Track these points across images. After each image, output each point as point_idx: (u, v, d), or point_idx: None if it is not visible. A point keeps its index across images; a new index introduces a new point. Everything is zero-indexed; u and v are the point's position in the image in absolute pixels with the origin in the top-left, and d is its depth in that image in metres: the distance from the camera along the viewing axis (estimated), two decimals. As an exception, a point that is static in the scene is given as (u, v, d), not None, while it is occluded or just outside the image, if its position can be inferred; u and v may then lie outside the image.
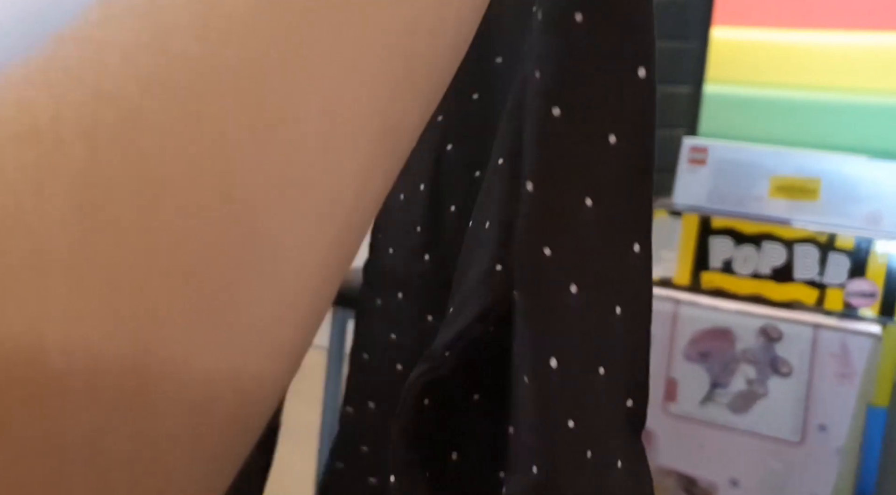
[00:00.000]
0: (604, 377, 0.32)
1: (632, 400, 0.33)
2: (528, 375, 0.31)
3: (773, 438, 0.93)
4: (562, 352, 0.32)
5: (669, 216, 1.04)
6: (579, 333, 0.32)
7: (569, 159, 0.32)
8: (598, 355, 0.32)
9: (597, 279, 0.32)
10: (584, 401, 0.32)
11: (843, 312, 0.95)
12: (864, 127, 1.39)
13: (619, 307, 0.32)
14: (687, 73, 1.43)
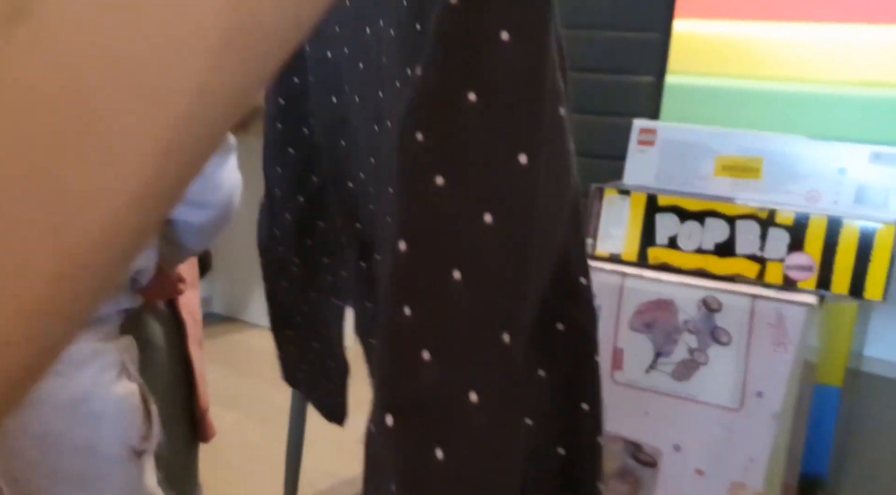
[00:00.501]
0: (461, 283, 0.32)
1: (508, 335, 0.33)
2: (383, 254, 0.32)
3: (713, 405, 0.97)
4: (413, 237, 0.32)
5: (619, 195, 1.08)
6: (437, 227, 0.32)
7: (460, 54, 0.31)
8: (457, 257, 0.32)
9: (469, 179, 0.32)
10: (429, 299, 0.32)
11: (783, 285, 0.99)
12: (810, 114, 1.43)
13: (490, 214, 0.32)
14: (650, 64, 1.47)
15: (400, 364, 0.33)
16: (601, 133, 1.46)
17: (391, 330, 0.33)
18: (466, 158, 0.32)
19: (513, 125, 0.32)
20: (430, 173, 0.32)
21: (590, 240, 1.11)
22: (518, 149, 0.32)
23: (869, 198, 0.99)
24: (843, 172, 1.00)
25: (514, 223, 0.32)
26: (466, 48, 0.31)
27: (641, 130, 1.11)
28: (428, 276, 0.32)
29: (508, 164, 0.32)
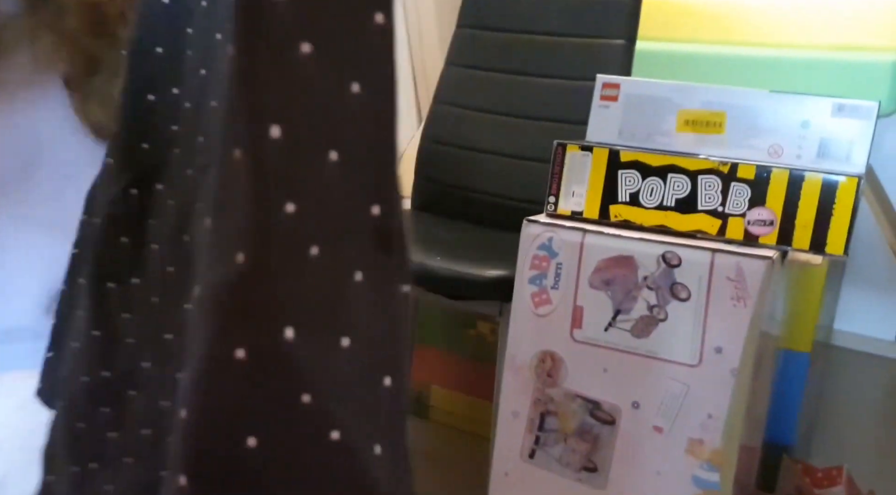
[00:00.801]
0: (337, 163, 0.29)
1: (379, 207, 0.30)
2: (241, 147, 0.28)
3: (672, 361, 0.96)
4: (287, 120, 0.28)
5: (581, 151, 1.05)
6: (308, 102, 0.28)
7: None
8: (330, 133, 0.29)
9: (334, 42, 0.28)
10: (308, 187, 0.29)
11: (743, 241, 0.97)
12: (779, 79, 1.42)
13: (357, 83, 0.29)
14: (620, 27, 1.44)
15: (287, 258, 0.30)
16: (571, 97, 1.43)
17: (278, 230, 0.30)
18: (325, 22, 0.28)
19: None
20: (297, 39, 0.28)
21: (552, 197, 1.08)
22: (375, 9, 0.29)
23: (832, 152, 0.98)
24: (807, 126, 0.98)
25: (379, 92, 0.29)
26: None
27: (604, 85, 1.09)
28: (306, 161, 0.29)
29: (368, 23, 0.28)
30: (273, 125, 0.28)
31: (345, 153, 0.29)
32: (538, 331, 1.03)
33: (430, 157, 1.60)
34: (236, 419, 0.29)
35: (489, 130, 1.54)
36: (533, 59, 1.49)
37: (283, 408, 0.29)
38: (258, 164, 0.28)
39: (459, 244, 1.36)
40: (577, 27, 1.45)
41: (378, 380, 0.33)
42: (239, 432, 0.28)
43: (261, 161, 0.28)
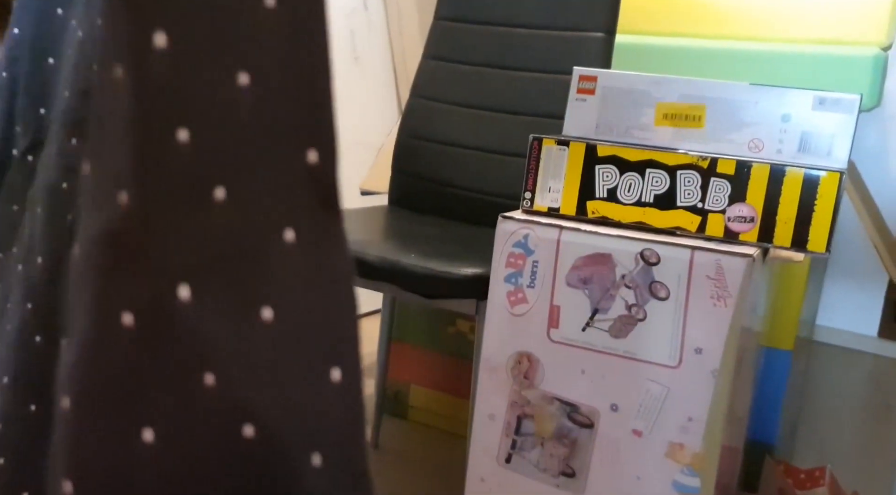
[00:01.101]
0: (248, 88, 0.24)
1: (316, 153, 0.25)
2: (120, 62, 0.22)
3: (651, 362, 0.93)
4: (176, 26, 0.23)
5: (557, 146, 1.02)
6: (203, 7, 0.23)
7: None
8: (236, 49, 0.23)
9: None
10: (208, 112, 0.24)
11: (724, 238, 0.95)
12: (757, 72, 1.39)
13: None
14: (599, 20, 1.41)
15: (180, 199, 0.25)
16: (549, 90, 1.41)
17: (168, 163, 0.24)
18: None
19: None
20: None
21: (528, 194, 1.05)
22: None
23: (813, 146, 0.95)
24: (787, 119, 0.96)
25: (301, 6, 0.24)
26: None
27: (581, 78, 1.06)
28: (204, 80, 0.24)
29: None
30: (157, 32, 0.23)
31: (259, 76, 0.24)
32: (514, 331, 1.00)
33: (407, 152, 1.57)
34: (127, 404, 0.23)
35: (466, 124, 1.51)
36: (511, 52, 1.46)
37: (181, 390, 0.24)
38: (141, 82, 0.23)
39: (435, 240, 1.33)
40: (556, 20, 1.42)
41: (321, 372, 0.27)
42: (131, 422, 0.23)
43: (144, 77, 0.23)
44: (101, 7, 0.23)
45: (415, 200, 1.56)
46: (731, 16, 1.45)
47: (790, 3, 1.39)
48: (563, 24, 1.41)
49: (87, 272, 0.24)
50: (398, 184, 1.59)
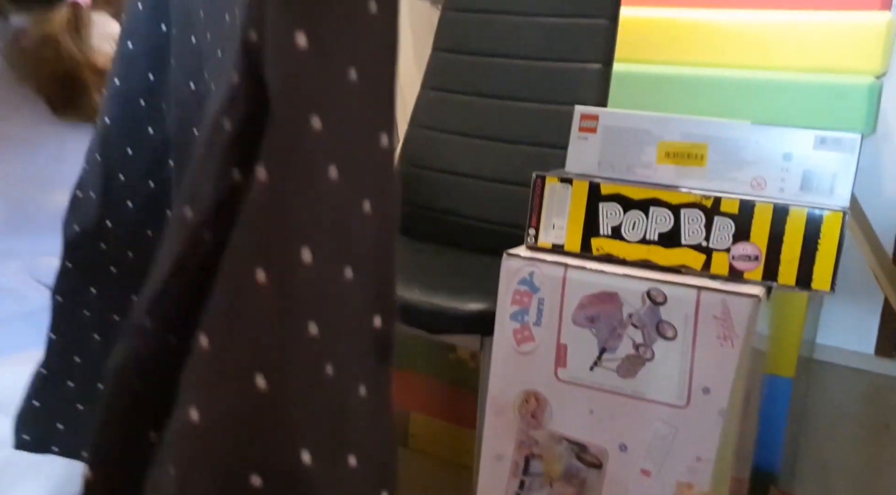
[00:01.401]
0: (351, 281, 0.29)
1: (380, 318, 0.30)
2: (265, 268, 0.27)
3: (659, 402, 0.93)
4: (315, 242, 0.28)
5: (560, 183, 1.03)
6: (332, 224, 0.28)
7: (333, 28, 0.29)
8: (347, 252, 0.29)
9: (352, 164, 0.29)
10: (329, 306, 0.29)
11: (729, 276, 0.95)
12: (753, 100, 1.41)
13: (368, 201, 0.29)
14: (596, 51, 1.42)
15: (306, 381, 0.28)
16: (548, 121, 1.41)
17: (300, 352, 0.28)
18: (347, 146, 0.28)
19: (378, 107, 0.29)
20: (325, 163, 0.28)
21: (532, 230, 1.06)
22: (381, 130, 0.29)
23: (815, 185, 0.96)
24: (789, 158, 0.97)
25: (385, 210, 0.29)
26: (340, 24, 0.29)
27: (583, 116, 1.07)
28: (329, 279, 0.28)
29: (376, 145, 0.29)
30: (303, 247, 0.27)
31: (358, 269, 0.29)
32: (521, 369, 1.01)
33: (406, 180, 1.57)
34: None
35: (466, 153, 1.51)
36: (509, 83, 1.46)
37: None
38: (283, 287, 0.28)
39: (438, 272, 1.33)
40: (554, 51, 1.43)
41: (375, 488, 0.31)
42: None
43: (286, 283, 0.28)
44: (255, 230, 0.28)
45: (415, 229, 1.56)
46: (728, 44, 1.46)
47: (786, 33, 1.41)
48: (561, 56, 1.42)
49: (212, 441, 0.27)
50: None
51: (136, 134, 0.50)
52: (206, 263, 0.29)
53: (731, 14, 1.47)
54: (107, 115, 0.51)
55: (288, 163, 0.27)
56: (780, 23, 1.41)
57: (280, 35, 0.27)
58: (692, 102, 1.47)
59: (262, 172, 0.27)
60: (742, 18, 1.45)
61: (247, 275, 0.27)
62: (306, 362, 0.28)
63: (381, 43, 0.29)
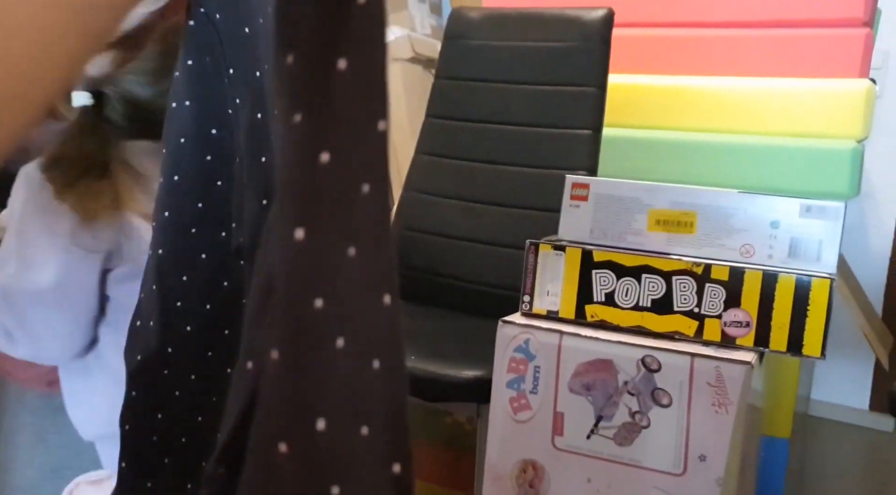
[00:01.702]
0: (367, 438, 0.31)
1: (399, 465, 0.32)
2: (286, 441, 0.30)
3: (656, 470, 0.94)
4: (330, 412, 0.31)
5: (554, 251, 1.05)
6: (345, 390, 0.31)
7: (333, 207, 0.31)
8: (361, 413, 0.31)
9: (358, 331, 0.31)
10: (350, 466, 0.31)
11: (721, 343, 0.97)
12: (739, 164, 1.44)
13: (377, 360, 0.31)
14: (586, 118, 1.46)
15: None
16: (541, 186, 1.44)
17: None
18: (353, 316, 0.32)
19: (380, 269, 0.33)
20: (332, 336, 0.31)
21: (526, 296, 1.07)
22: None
23: (803, 252, 0.98)
24: (776, 226, 0.99)
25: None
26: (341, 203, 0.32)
27: (574, 185, 1.09)
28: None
29: (380, 306, 0.32)
30: (318, 418, 0.30)
31: (372, 425, 0.32)
32: (518, 438, 1.01)
33: (402, 244, 1.59)
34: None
35: (461, 217, 1.54)
36: (501, 149, 1.50)
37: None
38: (304, 456, 0.30)
39: (434, 337, 1.34)
40: (544, 118, 1.46)
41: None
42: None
43: (307, 452, 0.30)
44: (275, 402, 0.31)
45: (409, 292, 1.57)
46: (714, 110, 1.50)
47: (770, 99, 1.45)
48: (552, 123, 1.46)
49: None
50: (393, 276, 1.60)
51: (190, 261, 0.52)
52: None
53: (716, 81, 1.51)
54: (160, 247, 0.52)
55: (297, 342, 0.30)
56: (764, 89, 1.46)
57: (283, 231, 0.31)
58: (680, 166, 1.50)
59: (274, 353, 0.30)
60: (727, 85, 1.49)
61: (271, 449, 0.30)
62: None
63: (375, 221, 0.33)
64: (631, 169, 1.54)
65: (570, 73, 1.46)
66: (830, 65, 1.42)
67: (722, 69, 1.53)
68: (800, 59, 1.45)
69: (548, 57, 1.49)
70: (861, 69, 1.41)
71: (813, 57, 1.43)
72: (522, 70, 1.50)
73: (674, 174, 1.49)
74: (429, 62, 2.11)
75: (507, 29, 1.54)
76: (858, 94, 1.37)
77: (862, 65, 1.41)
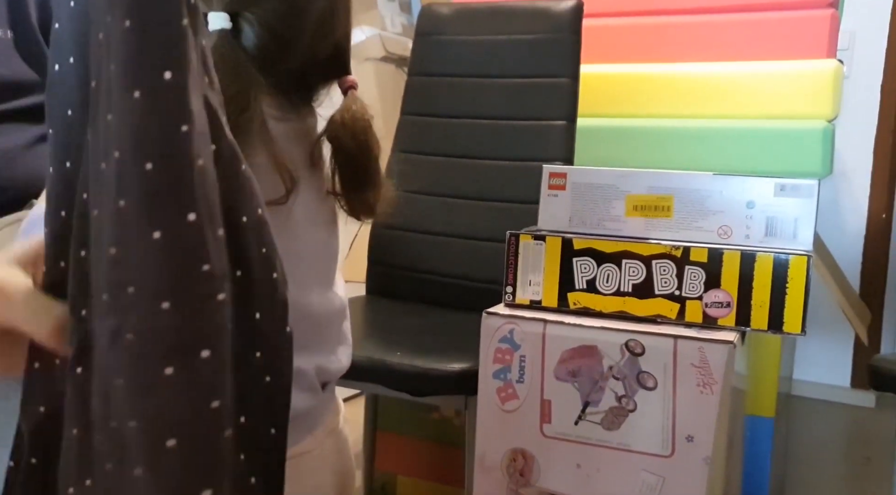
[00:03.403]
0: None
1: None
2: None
3: (644, 453, 0.94)
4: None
5: (534, 241, 1.05)
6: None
7: None
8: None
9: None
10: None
11: (703, 324, 0.98)
12: (713, 148, 1.46)
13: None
14: (560, 109, 1.47)
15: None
16: (518, 178, 1.45)
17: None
18: None
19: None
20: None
21: (509, 287, 1.08)
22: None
23: (779, 230, 1.00)
24: (752, 206, 1.00)
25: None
26: None
27: (551, 175, 1.10)
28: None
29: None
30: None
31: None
32: (507, 427, 1.01)
33: (382, 242, 1.59)
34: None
35: (440, 213, 1.54)
36: (477, 143, 1.50)
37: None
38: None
39: (418, 333, 1.34)
40: (519, 110, 1.47)
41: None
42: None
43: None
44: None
45: (392, 289, 1.57)
46: (686, 96, 1.52)
47: (740, 83, 1.47)
48: (526, 115, 1.46)
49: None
50: (375, 274, 1.60)
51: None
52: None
53: (686, 67, 1.53)
54: (62, 259, 0.48)
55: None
56: (734, 73, 1.47)
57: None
58: (656, 153, 1.52)
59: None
60: (697, 71, 1.51)
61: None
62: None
63: None
64: (607, 158, 1.55)
65: (542, 65, 1.47)
66: (798, 46, 1.44)
67: (692, 55, 1.54)
68: (768, 41, 1.46)
69: (520, 50, 1.49)
70: (828, 50, 1.43)
71: (780, 39, 1.45)
72: (495, 64, 1.51)
73: (650, 161, 1.51)
74: (401, 60, 2.11)
75: (478, 23, 1.55)
76: (827, 74, 1.39)
77: (829, 45, 1.43)
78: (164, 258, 0.34)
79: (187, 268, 0.35)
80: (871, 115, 2.15)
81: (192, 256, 0.35)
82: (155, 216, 0.34)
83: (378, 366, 1.16)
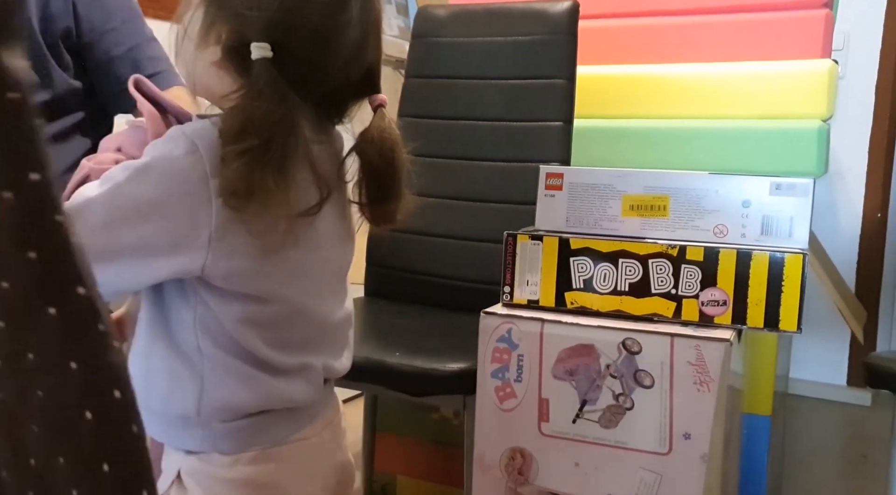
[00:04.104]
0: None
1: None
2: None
3: (642, 451, 0.95)
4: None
5: (531, 241, 1.06)
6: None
7: None
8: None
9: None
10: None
11: (699, 322, 0.98)
12: (709, 149, 1.46)
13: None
14: (557, 110, 1.47)
15: None
16: (515, 179, 1.45)
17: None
18: None
19: None
20: None
21: (507, 287, 1.08)
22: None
23: (774, 229, 1.00)
24: (748, 205, 1.01)
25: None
26: None
27: (548, 175, 1.10)
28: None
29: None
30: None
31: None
32: (505, 426, 1.02)
33: (379, 243, 1.59)
34: None
35: (436, 214, 1.54)
36: (475, 145, 1.51)
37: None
38: None
39: (416, 333, 1.35)
40: (515, 112, 1.48)
41: None
42: None
43: None
44: None
45: (390, 290, 1.58)
46: (682, 97, 1.53)
47: (736, 83, 1.48)
48: (523, 116, 1.47)
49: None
50: (373, 276, 1.61)
51: None
52: None
53: (682, 68, 1.53)
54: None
55: None
56: (729, 74, 1.48)
57: None
58: (652, 153, 1.52)
59: None
60: (693, 72, 1.52)
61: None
62: None
63: None
64: (603, 158, 1.56)
65: (538, 67, 1.48)
66: (793, 47, 1.45)
67: (688, 56, 1.55)
68: (763, 42, 1.47)
69: (516, 51, 1.50)
70: (823, 49, 1.44)
71: (775, 39, 1.46)
72: (491, 65, 1.52)
73: (646, 161, 1.51)
74: (398, 63, 2.12)
75: (475, 25, 1.56)
76: (821, 74, 1.40)
77: (823, 45, 1.44)
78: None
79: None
80: (866, 115, 2.17)
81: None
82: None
83: (377, 366, 1.17)
